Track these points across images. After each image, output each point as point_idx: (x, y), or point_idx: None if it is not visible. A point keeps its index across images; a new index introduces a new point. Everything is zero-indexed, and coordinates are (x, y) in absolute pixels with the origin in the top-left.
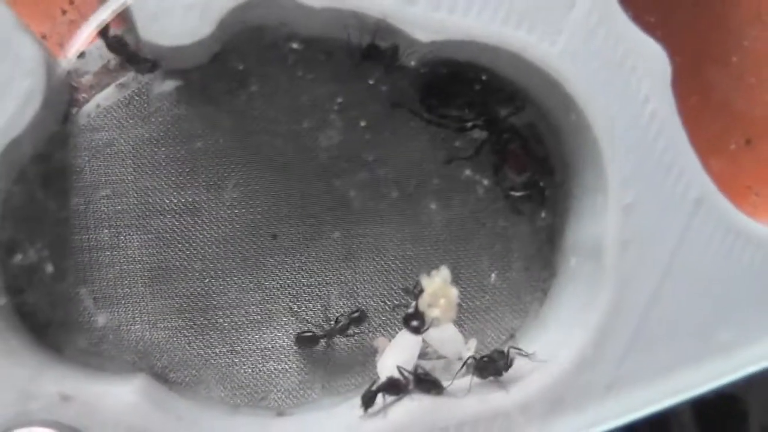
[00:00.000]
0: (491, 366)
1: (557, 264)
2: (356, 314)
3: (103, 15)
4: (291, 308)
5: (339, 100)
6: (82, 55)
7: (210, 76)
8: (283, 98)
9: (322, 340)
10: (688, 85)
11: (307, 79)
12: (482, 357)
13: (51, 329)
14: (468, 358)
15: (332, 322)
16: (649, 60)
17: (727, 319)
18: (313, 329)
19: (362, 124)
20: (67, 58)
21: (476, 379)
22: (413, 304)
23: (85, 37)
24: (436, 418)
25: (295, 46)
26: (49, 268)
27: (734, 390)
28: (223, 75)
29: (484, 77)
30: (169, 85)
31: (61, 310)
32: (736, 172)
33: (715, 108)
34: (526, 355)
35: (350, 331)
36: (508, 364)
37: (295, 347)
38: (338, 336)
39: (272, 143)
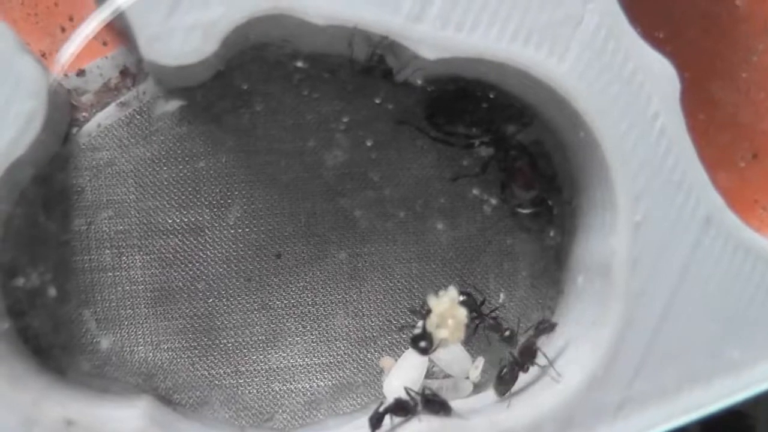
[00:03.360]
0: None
1: (564, 282)
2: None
3: (97, 21)
4: None
5: (345, 119)
6: (82, 73)
7: (213, 95)
8: (287, 117)
9: (475, 313)
10: (696, 100)
11: (312, 98)
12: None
13: (54, 352)
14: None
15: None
16: (658, 76)
17: (737, 336)
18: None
19: (368, 143)
20: (68, 77)
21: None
22: (420, 324)
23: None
24: None
25: (299, 64)
26: (52, 291)
27: (741, 406)
28: (226, 94)
29: (491, 94)
30: (173, 104)
31: (64, 333)
32: (743, 186)
33: (722, 123)
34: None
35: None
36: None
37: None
38: (483, 322)
39: (277, 162)
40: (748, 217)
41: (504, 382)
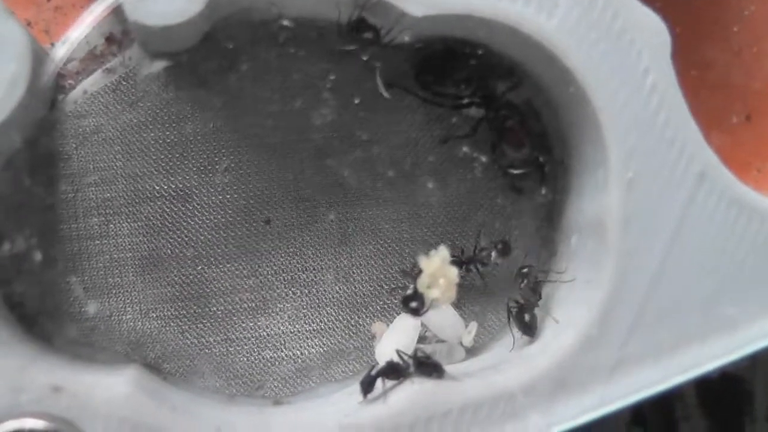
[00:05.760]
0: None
1: (557, 243)
2: (500, 246)
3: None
4: None
5: (332, 77)
6: (67, 40)
7: (199, 57)
8: (274, 77)
9: (465, 266)
10: (688, 57)
11: (299, 57)
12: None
13: (40, 319)
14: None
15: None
16: (649, 32)
17: (732, 293)
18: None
19: (356, 101)
20: (53, 44)
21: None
22: (412, 286)
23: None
24: (438, 402)
25: (286, 23)
26: (38, 256)
27: (738, 371)
28: (212, 55)
29: (480, 52)
30: (159, 69)
31: (51, 299)
32: (736, 148)
33: (715, 82)
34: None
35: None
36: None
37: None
38: (479, 264)
39: (264, 124)
40: (742, 179)
41: (529, 326)
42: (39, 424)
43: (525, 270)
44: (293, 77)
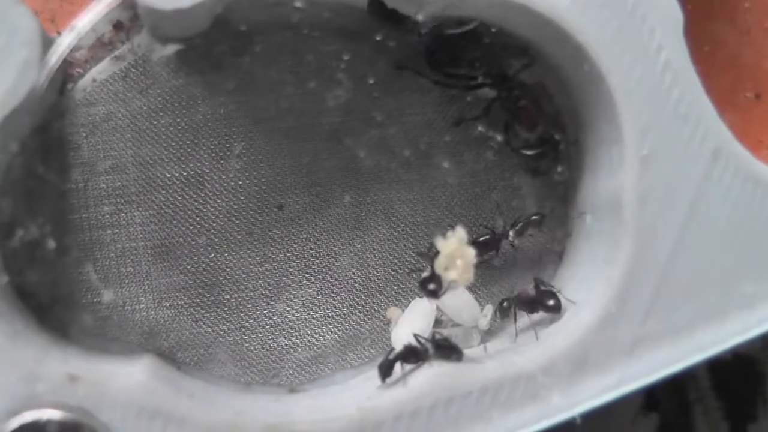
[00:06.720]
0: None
1: (572, 223)
2: (535, 217)
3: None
4: None
5: (346, 57)
6: (74, 29)
7: (211, 40)
8: (287, 59)
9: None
10: (700, 35)
11: (312, 38)
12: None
13: (54, 309)
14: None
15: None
16: (661, 8)
17: (749, 270)
18: (488, 232)
19: (370, 81)
20: (59, 33)
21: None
22: (429, 268)
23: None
24: (458, 384)
25: (298, 4)
26: (51, 245)
27: (751, 351)
28: (224, 38)
29: (493, 30)
30: (168, 51)
31: (65, 289)
32: (747, 127)
33: (726, 60)
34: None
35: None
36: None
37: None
38: (514, 238)
39: (277, 106)
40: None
41: (554, 306)
42: (57, 414)
43: (505, 303)
44: (307, 58)
